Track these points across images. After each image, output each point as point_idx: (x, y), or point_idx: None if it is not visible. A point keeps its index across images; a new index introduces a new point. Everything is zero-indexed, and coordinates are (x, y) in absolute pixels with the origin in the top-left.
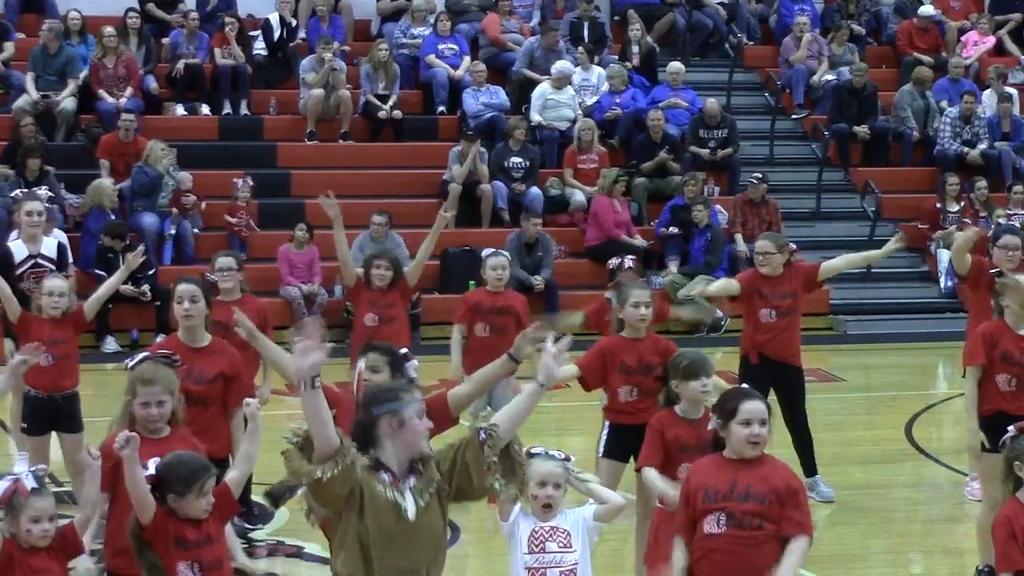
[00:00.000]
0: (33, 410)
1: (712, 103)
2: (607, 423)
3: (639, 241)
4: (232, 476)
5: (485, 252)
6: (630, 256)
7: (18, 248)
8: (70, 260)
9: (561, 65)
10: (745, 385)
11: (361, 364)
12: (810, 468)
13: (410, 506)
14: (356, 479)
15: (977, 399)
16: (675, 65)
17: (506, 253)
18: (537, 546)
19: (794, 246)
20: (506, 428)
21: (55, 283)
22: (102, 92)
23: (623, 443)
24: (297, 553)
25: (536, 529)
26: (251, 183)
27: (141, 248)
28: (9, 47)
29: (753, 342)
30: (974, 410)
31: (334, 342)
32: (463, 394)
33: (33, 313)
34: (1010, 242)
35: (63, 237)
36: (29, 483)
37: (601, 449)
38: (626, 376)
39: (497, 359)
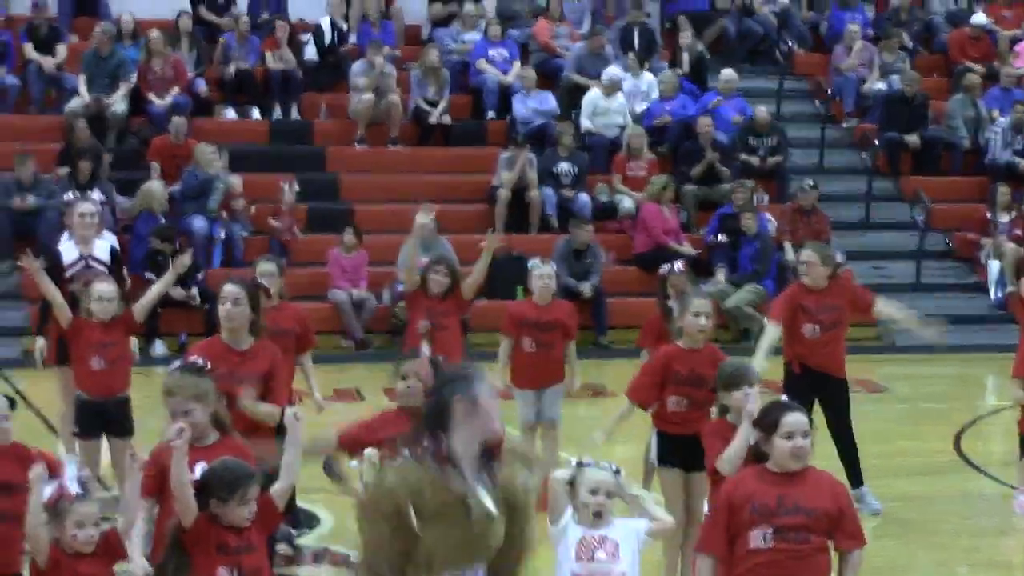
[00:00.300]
0: (84, 414)
1: (762, 111)
2: (655, 430)
3: (688, 249)
4: (276, 488)
5: (531, 262)
6: (680, 260)
7: (68, 250)
8: (122, 263)
9: (611, 71)
10: (786, 397)
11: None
12: (856, 479)
13: (488, 502)
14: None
15: None
16: (727, 73)
17: (552, 263)
18: (586, 554)
19: (841, 258)
20: None
21: (104, 287)
22: (150, 95)
23: (676, 451)
24: (344, 561)
25: (585, 537)
26: (296, 187)
27: (189, 252)
28: (62, 50)
29: (795, 353)
30: None
31: (380, 348)
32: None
33: (83, 317)
34: None
35: (114, 240)
36: (74, 488)
37: (654, 457)
38: (676, 386)
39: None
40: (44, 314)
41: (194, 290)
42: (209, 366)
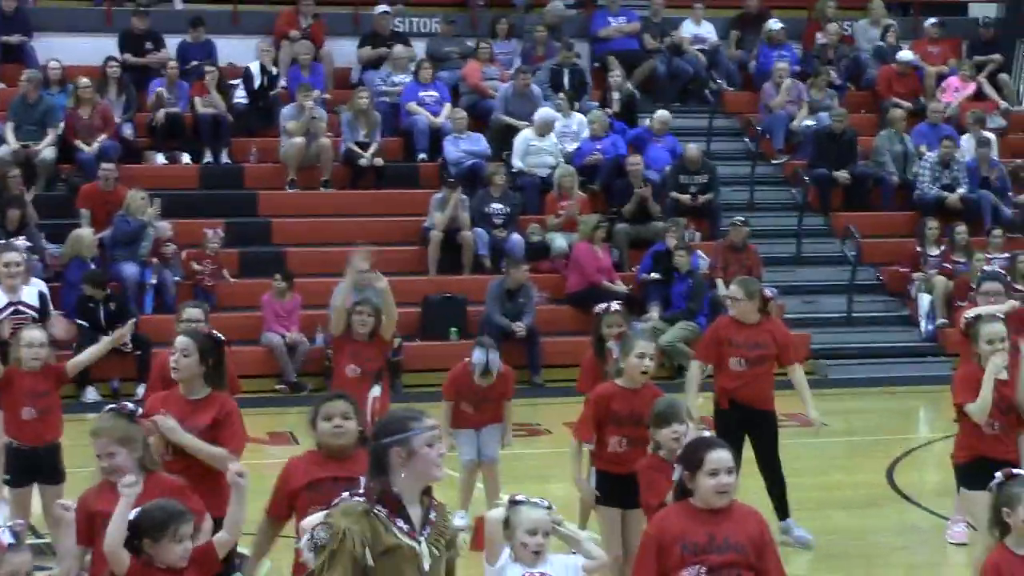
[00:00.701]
0: (15, 462)
1: (692, 148)
2: (594, 469)
3: (621, 287)
4: (219, 537)
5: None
6: (616, 301)
7: None
8: (51, 308)
9: (544, 112)
10: (710, 433)
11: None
12: (783, 511)
13: (425, 557)
14: (359, 555)
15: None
16: (662, 114)
17: (495, 355)
18: None
19: (771, 293)
20: None
21: (34, 334)
22: (78, 142)
23: (615, 490)
24: None
25: (525, 575)
26: (221, 233)
27: (131, 323)
28: None
29: (722, 387)
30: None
31: (315, 390)
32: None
33: (13, 366)
34: (991, 288)
35: (43, 286)
36: (6, 538)
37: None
38: (616, 426)
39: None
40: None
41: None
42: (139, 411)
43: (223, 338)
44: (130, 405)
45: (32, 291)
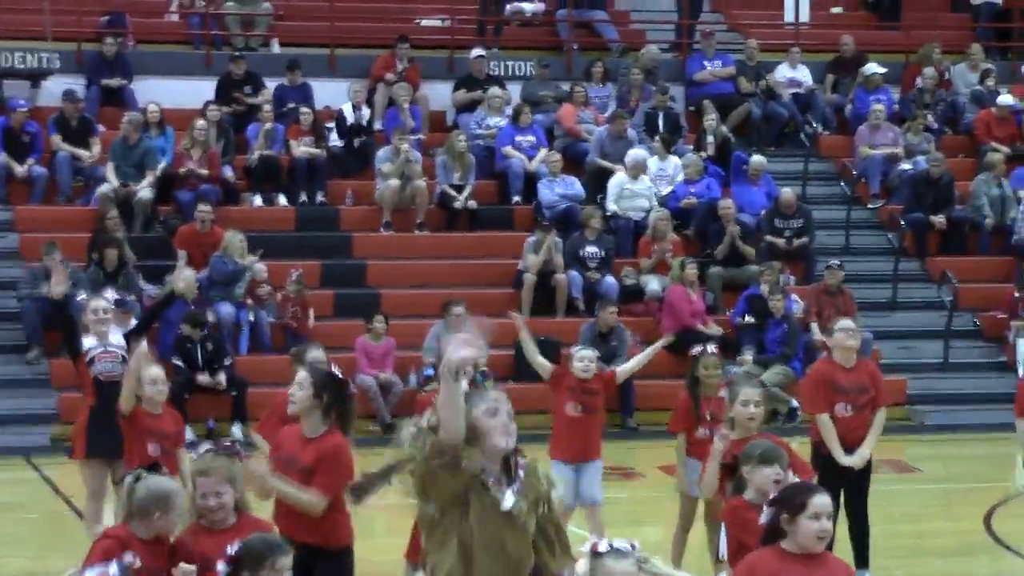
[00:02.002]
0: None
1: (788, 192)
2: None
3: (715, 330)
4: None
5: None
6: (712, 342)
7: (88, 342)
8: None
9: (635, 154)
10: (810, 480)
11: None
12: (863, 560)
13: (510, 503)
14: (466, 479)
15: None
16: (758, 160)
17: (594, 350)
18: None
19: (868, 337)
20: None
21: (155, 371)
22: (182, 185)
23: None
24: None
25: None
26: (295, 274)
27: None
28: (96, 146)
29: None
30: None
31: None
32: None
33: (137, 405)
34: None
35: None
36: (113, 571)
37: (723, 553)
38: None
39: None
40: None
41: (221, 376)
42: (242, 452)
43: (342, 376)
44: (237, 445)
45: (118, 335)
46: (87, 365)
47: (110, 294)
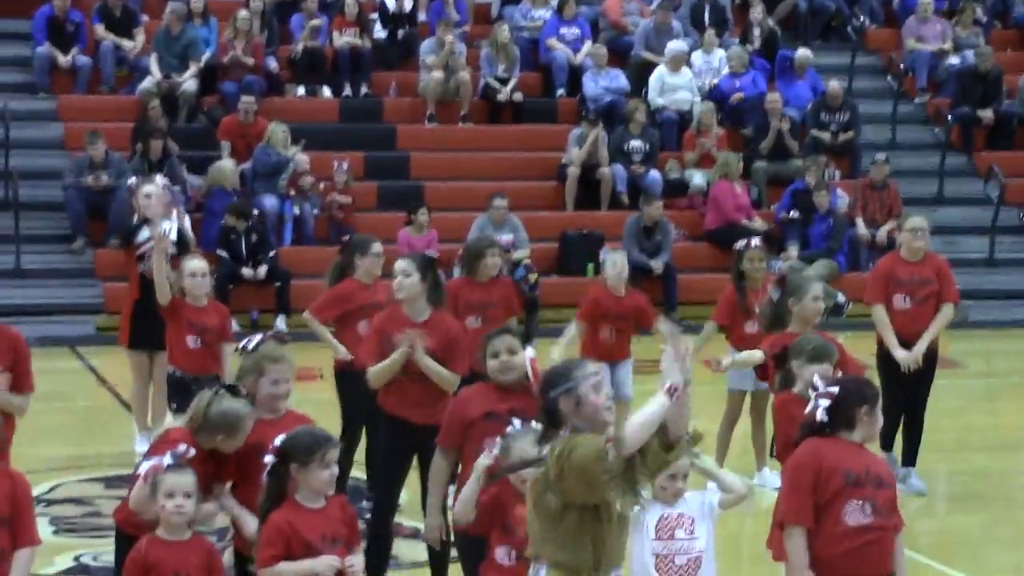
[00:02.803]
0: (180, 391)
1: (834, 85)
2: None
3: (759, 225)
4: None
5: (603, 252)
6: (757, 237)
7: (142, 234)
8: (192, 239)
9: (674, 46)
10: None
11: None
12: (912, 458)
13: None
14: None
15: None
16: (803, 53)
17: (624, 251)
18: (666, 533)
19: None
20: (632, 438)
21: (197, 264)
22: (227, 76)
23: None
24: (414, 534)
25: (664, 516)
26: (345, 166)
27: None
28: (140, 34)
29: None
30: None
31: None
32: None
33: (178, 296)
34: None
35: (186, 221)
36: (167, 460)
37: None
38: None
39: None
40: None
41: (262, 268)
42: (287, 340)
43: (436, 255)
44: (287, 335)
45: (172, 226)
46: (137, 260)
47: (160, 179)
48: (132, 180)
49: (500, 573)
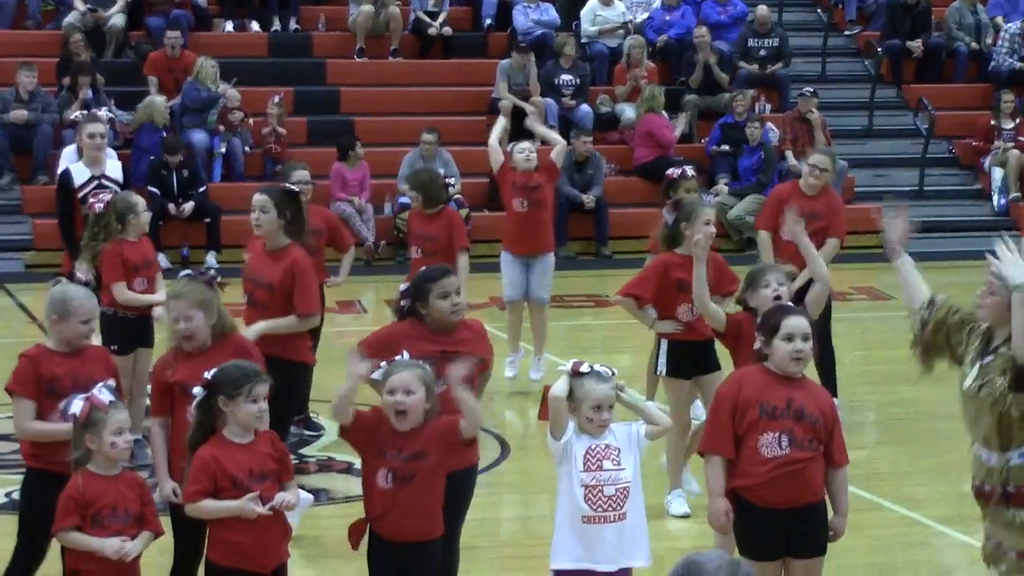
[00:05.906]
0: (123, 332)
1: (763, 9)
2: (664, 341)
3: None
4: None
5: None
6: (689, 166)
7: (79, 171)
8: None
9: None
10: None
11: None
12: (832, 389)
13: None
14: None
15: None
16: None
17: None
18: (594, 464)
19: (844, 166)
20: None
21: (138, 199)
22: (152, 8)
23: (683, 361)
24: (347, 469)
25: (592, 447)
26: (277, 100)
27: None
28: None
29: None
30: None
31: (387, 258)
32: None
33: (119, 237)
34: None
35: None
36: (105, 396)
37: (663, 367)
38: (685, 294)
39: None
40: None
41: (190, 204)
42: (219, 278)
43: (297, 190)
44: (212, 271)
45: (115, 165)
46: (80, 203)
47: (104, 114)
48: (76, 115)
49: (382, 495)
